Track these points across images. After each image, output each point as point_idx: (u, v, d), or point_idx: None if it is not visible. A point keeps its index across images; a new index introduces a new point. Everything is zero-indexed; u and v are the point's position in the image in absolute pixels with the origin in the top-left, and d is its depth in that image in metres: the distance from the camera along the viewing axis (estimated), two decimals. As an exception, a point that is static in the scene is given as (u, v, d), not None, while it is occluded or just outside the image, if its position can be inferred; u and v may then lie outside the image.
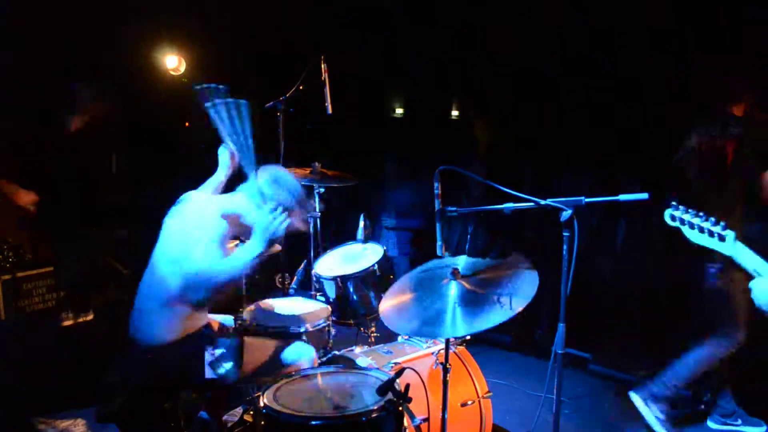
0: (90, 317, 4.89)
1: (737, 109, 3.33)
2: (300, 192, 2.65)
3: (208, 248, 2.44)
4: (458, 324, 2.11)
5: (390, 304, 2.33)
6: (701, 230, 2.09)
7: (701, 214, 2.11)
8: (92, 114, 4.34)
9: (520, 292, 2.13)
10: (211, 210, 2.57)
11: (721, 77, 3.45)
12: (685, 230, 2.13)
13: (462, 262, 2.41)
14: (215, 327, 2.83)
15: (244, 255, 2.47)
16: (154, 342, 2.53)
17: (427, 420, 2.50)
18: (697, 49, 4.19)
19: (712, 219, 2.09)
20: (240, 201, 2.62)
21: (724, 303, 3.25)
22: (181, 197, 2.70)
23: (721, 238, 2.04)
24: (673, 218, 2.16)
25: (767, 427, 3.48)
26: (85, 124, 4.34)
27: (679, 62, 4.38)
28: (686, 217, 2.11)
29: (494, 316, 2.08)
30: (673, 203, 2.17)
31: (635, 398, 3.49)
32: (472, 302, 2.16)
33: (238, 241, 3.24)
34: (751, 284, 1.95)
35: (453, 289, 2.24)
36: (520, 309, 2.08)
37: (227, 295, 3.11)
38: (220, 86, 2.66)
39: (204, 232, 2.47)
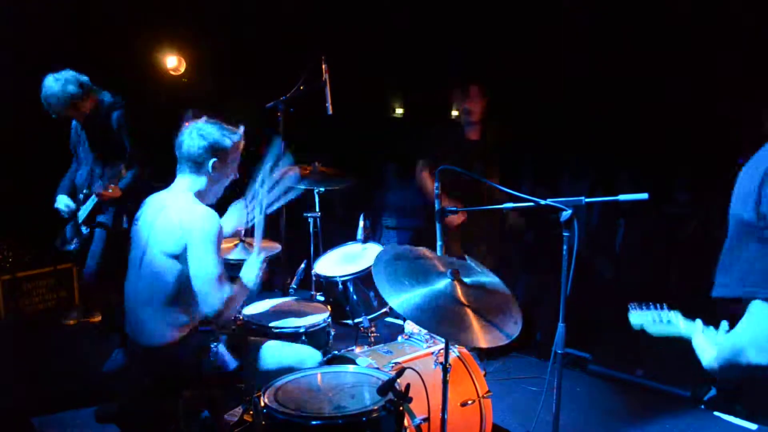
0: (98, 319, 4.88)
1: None
2: (223, 129, 2.58)
3: (205, 246, 2.41)
4: (423, 314, 2.07)
5: (383, 266, 2.24)
6: (654, 320, 2.06)
7: (651, 305, 2.08)
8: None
9: (497, 330, 2.11)
10: (195, 201, 2.56)
11: None
12: (647, 327, 2.09)
13: (467, 268, 2.37)
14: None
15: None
16: (152, 343, 2.52)
17: (427, 420, 2.50)
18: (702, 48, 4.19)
19: (658, 305, 2.05)
20: (187, 176, 2.60)
21: None
22: (149, 199, 2.67)
23: (668, 322, 2.02)
24: (635, 319, 2.11)
25: None
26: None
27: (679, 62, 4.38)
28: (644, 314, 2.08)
29: (456, 333, 2.07)
30: (631, 305, 2.13)
31: None
32: (450, 307, 2.11)
33: (238, 241, 3.25)
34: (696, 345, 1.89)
35: (444, 287, 2.18)
36: (481, 345, 2.06)
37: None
38: None
39: (200, 227, 2.43)
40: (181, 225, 2.44)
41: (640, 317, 2.07)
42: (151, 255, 2.49)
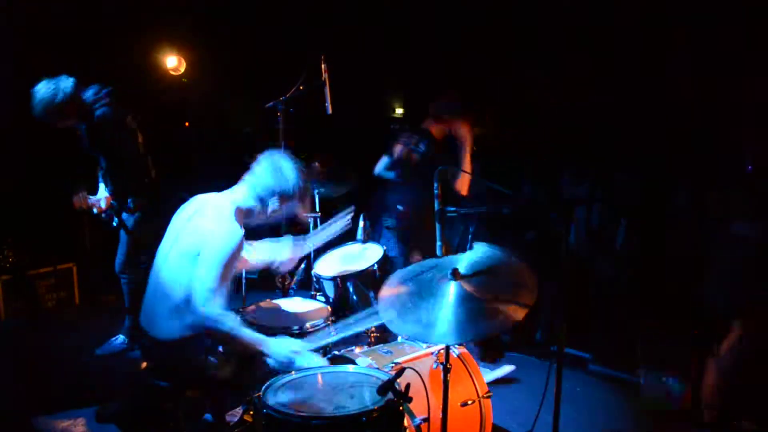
0: None
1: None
2: (299, 179, 2.64)
3: (212, 261, 2.42)
4: (458, 328, 2.06)
5: (388, 299, 2.27)
6: None
7: None
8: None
9: (520, 299, 2.09)
10: (229, 215, 2.57)
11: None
12: None
13: (462, 262, 2.37)
14: None
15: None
16: (162, 337, 2.55)
17: (427, 420, 2.50)
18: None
19: None
20: (245, 193, 2.63)
21: None
22: (197, 197, 2.69)
23: None
24: None
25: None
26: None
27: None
28: None
29: (493, 323, 2.06)
30: None
31: None
32: (472, 306, 2.11)
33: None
34: None
35: (452, 290, 2.18)
36: (519, 318, 2.04)
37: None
38: None
39: (214, 243, 2.45)
40: (203, 232, 2.50)
41: None
42: (176, 252, 2.55)
